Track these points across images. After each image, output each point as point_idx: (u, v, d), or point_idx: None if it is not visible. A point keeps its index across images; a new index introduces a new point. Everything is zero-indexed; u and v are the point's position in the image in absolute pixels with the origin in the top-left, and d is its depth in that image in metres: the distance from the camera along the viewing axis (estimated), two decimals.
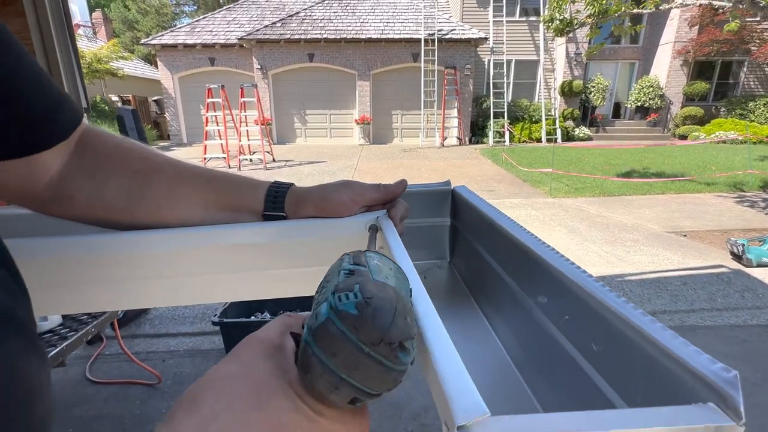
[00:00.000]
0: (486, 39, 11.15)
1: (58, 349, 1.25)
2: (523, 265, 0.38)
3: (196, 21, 12.66)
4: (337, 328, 0.17)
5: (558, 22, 5.02)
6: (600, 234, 3.91)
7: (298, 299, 2.00)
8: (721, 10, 4.98)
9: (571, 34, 11.57)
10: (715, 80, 12.64)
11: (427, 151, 10.23)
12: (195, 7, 23.76)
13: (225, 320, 1.93)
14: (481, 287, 0.50)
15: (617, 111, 13.77)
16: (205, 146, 8.53)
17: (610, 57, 12.98)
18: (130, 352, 1.84)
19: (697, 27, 11.33)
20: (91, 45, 13.86)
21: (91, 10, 17.92)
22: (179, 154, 10.15)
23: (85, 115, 0.39)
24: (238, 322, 1.95)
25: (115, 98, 13.05)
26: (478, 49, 11.72)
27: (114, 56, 11.90)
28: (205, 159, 8.39)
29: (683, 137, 11.69)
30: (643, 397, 0.24)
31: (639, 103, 12.66)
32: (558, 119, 11.75)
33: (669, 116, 12.64)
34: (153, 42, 11.89)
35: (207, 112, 8.61)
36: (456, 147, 11.15)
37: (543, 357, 0.34)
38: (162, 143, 12.51)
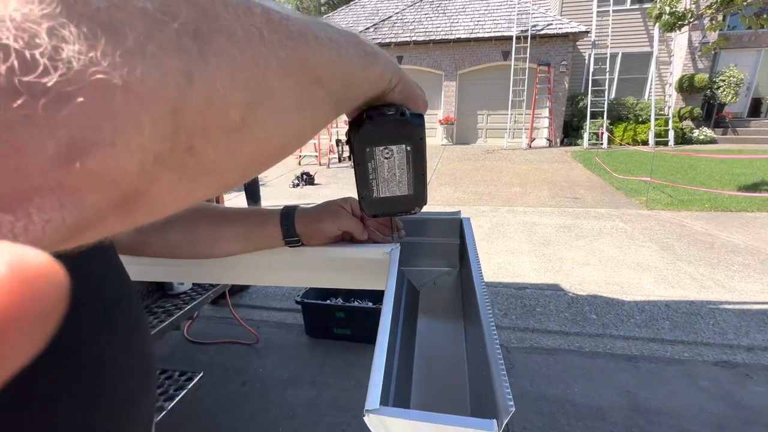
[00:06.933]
0: (587, 32, 10.27)
1: (190, 306, 1.71)
2: (470, 296, 0.55)
3: None
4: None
5: (667, 16, 4.45)
6: (699, 254, 3.50)
7: (361, 290, 2.32)
8: None
9: (696, 21, 10.05)
10: None
11: (511, 153, 9.88)
12: None
13: (306, 300, 2.31)
14: (467, 297, 0.68)
15: (756, 109, 11.53)
16: None
17: (750, 45, 10.92)
18: (237, 316, 2.34)
19: None
20: None
21: None
22: None
23: None
24: (315, 303, 2.31)
25: None
26: (577, 43, 10.85)
27: None
28: (300, 156, 9.32)
29: None
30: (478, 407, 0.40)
31: None
32: (672, 119, 10.31)
33: None
34: None
35: None
36: (544, 149, 10.53)
37: (479, 364, 0.45)
38: None
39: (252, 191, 2.72)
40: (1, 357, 0.07)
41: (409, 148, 0.41)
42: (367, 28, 11.90)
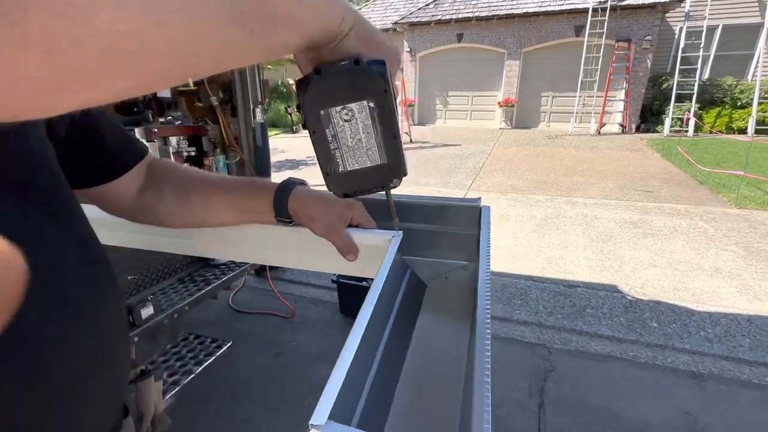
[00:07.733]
0: (680, 1, 8.96)
1: (227, 276, 1.78)
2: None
3: (359, 9, 13.85)
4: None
5: None
6: None
7: None
8: None
9: None
10: None
11: (577, 139, 9.10)
12: None
13: (341, 280, 2.32)
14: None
15: None
16: None
17: None
18: (276, 289, 2.42)
19: None
20: None
21: None
22: None
23: (149, 150, 0.54)
24: (350, 283, 2.31)
25: (291, 81, 15.55)
26: (666, 14, 9.53)
27: None
28: None
29: None
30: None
31: None
32: None
33: None
34: None
35: None
36: (616, 135, 9.56)
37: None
38: None
39: (262, 168, 2.63)
40: None
41: (371, 104, 0.33)
42: (428, 5, 11.45)
